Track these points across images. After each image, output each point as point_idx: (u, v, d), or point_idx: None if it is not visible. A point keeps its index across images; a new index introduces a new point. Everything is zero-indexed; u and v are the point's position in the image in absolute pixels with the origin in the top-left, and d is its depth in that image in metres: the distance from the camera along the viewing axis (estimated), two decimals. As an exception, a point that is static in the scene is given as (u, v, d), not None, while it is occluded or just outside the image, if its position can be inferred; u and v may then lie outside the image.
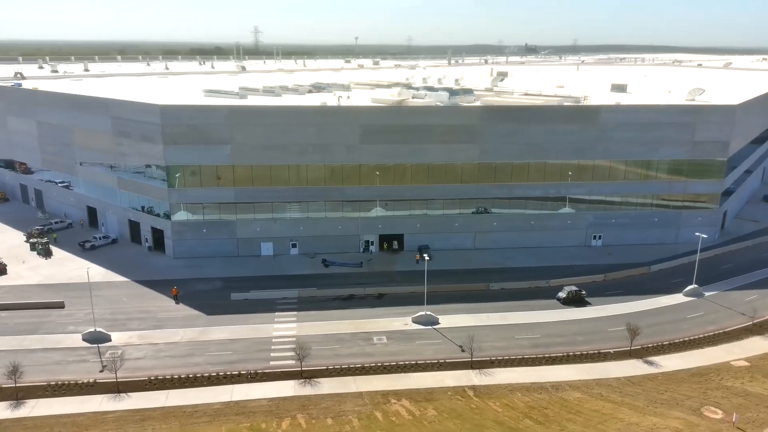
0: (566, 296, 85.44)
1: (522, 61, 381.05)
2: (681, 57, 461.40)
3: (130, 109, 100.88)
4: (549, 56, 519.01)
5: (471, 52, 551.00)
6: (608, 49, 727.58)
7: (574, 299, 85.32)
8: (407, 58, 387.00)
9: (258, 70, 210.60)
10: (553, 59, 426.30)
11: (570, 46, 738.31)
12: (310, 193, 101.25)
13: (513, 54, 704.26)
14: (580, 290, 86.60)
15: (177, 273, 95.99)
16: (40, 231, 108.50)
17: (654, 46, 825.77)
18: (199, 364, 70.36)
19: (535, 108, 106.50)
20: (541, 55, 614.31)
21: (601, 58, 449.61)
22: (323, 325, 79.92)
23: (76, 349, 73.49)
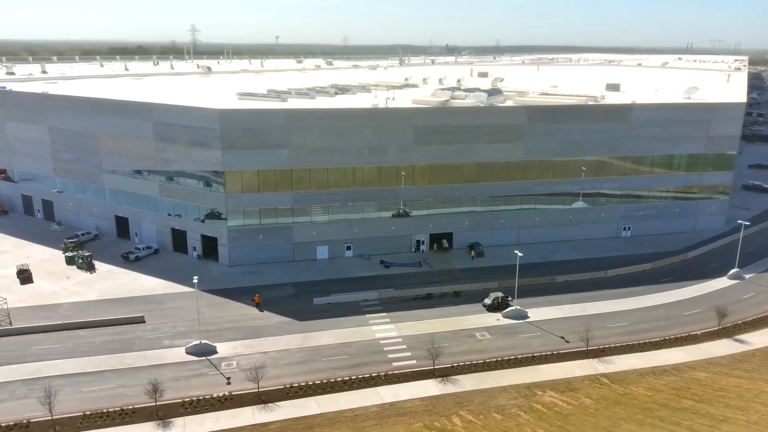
0: (491, 303, 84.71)
1: (492, 61, 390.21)
2: (606, 57, 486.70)
3: (179, 114, 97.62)
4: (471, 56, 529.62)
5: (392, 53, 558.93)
6: (528, 49, 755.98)
7: (500, 306, 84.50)
8: (351, 58, 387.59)
9: (224, 71, 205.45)
10: (488, 59, 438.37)
11: (493, 46, 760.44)
12: (365, 194, 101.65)
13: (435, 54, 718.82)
14: (506, 296, 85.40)
15: (241, 280, 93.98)
16: (76, 244, 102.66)
17: (568, 47, 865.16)
18: (323, 369, 69.99)
19: (574, 107, 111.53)
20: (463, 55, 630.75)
21: (532, 59, 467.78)
22: (419, 325, 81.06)
23: (185, 363, 71.13)
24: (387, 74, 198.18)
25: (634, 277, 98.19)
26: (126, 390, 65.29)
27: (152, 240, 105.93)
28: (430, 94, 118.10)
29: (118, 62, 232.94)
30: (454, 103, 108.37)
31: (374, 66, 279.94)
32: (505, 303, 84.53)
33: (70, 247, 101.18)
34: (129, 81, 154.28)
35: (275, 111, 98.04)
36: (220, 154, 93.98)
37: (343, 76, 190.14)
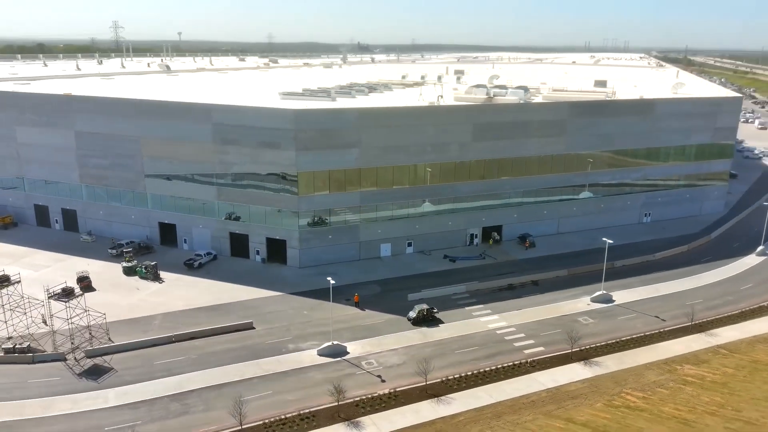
0: (417, 316, 79.77)
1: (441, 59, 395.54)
2: (527, 56, 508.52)
3: (246, 115, 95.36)
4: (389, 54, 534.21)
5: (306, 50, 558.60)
6: (445, 48, 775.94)
7: (425, 318, 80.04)
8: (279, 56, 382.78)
9: (185, 70, 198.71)
10: (415, 57, 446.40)
11: (410, 45, 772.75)
12: (426, 191, 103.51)
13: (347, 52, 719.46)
14: (431, 308, 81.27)
15: (320, 282, 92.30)
16: (130, 254, 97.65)
17: (478, 46, 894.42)
18: (463, 361, 71.77)
19: (607, 102, 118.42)
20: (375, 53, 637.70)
21: (461, 57, 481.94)
22: (522, 314, 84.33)
23: (326, 365, 70.75)
24: (366, 72, 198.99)
25: (678, 259, 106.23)
26: (287, 396, 64.35)
27: (205, 246, 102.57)
28: (464, 92, 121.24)
29: (62, 61, 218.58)
30: (498, 101, 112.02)
31: (329, 64, 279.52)
32: (430, 315, 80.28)
33: (128, 258, 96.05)
34: (100, 81, 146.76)
35: (347, 110, 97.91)
36: (294, 155, 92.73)
37: (315, 75, 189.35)
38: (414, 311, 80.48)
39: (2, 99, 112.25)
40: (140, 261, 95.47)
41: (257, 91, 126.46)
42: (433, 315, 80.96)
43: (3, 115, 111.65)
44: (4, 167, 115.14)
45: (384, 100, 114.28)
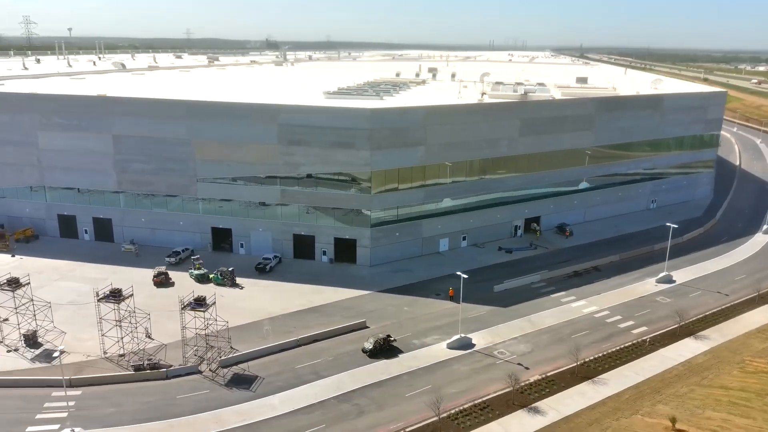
0: (373, 347, 71.00)
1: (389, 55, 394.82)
2: (451, 53, 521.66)
3: (316, 115, 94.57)
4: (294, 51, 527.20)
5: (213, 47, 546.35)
6: (358, 46, 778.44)
7: (383, 348, 71.54)
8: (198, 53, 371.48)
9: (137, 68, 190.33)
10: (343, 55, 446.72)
11: (325, 42, 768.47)
12: (480, 185, 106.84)
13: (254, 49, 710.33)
14: (388, 337, 72.91)
15: (399, 278, 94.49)
16: (198, 260, 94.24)
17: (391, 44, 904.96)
18: (586, 345, 75.81)
19: (627, 98, 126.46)
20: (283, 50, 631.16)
21: (383, 54, 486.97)
22: (603, 298, 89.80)
23: (463, 357, 72.62)
24: (339, 70, 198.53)
25: (699, 240, 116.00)
26: (449, 389, 65.77)
27: (265, 249, 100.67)
28: (490, 89, 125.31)
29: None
30: (532, 97, 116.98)
31: (279, 62, 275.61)
32: (387, 344, 71.90)
33: (198, 265, 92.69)
34: (69, 80, 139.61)
35: (415, 109, 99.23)
36: (368, 154, 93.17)
37: (284, 73, 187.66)
38: (369, 342, 71.35)
39: (22, 102, 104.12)
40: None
41: (268, 90, 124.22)
42: (391, 344, 72.42)
43: (23, 119, 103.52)
44: (20, 176, 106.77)
45: (419, 98, 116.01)
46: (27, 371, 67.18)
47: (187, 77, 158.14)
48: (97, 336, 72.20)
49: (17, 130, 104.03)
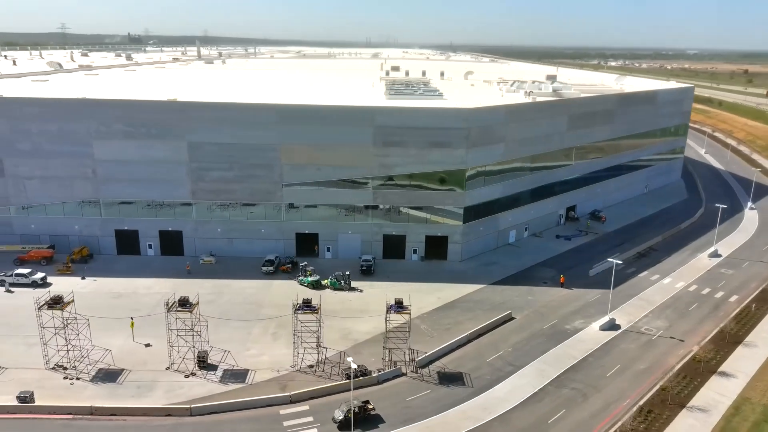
0: (344, 418, 57.53)
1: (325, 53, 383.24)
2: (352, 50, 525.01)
3: (414, 116, 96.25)
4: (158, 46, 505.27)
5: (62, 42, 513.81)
6: (241, 42, 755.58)
7: (355, 419, 57.32)
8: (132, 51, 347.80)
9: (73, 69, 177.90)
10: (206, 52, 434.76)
11: (203, 36, 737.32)
12: (541, 177, 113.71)
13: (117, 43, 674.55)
14: (365, 404, 59.56)
15: (496, 271, 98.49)
16: (308, 267, 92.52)
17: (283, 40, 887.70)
18: (708, 315, 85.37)
19: (637, 94, 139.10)
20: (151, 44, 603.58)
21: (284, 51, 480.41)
22: (680, 273, 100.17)
23: (619, 336, 78.89)
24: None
25: (704, 219, 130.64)
26: (637, 365, 71.81)
27: (354, 251, 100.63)
28: (514, 88, 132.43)
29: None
30: (564, 95, 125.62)
31: (209, 60, 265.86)
32: (364, 413, 58.96)
33: (310, 272, 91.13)
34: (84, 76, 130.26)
35: (500, 107, 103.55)
36: (464, 152, 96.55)
37: (243, 74, 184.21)
38: (340, 412, 58.30)
39: (76, 108, 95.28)
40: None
41: (284, 89, 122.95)
42: (368, 412, 59.33)
43: (75, 127, 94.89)
44: (70, 190, 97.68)
45: (469, 97, 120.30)
46: (227, 394, 63.88)
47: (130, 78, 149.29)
48: (265, 350, 70.43)
49: (68, 140, 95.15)
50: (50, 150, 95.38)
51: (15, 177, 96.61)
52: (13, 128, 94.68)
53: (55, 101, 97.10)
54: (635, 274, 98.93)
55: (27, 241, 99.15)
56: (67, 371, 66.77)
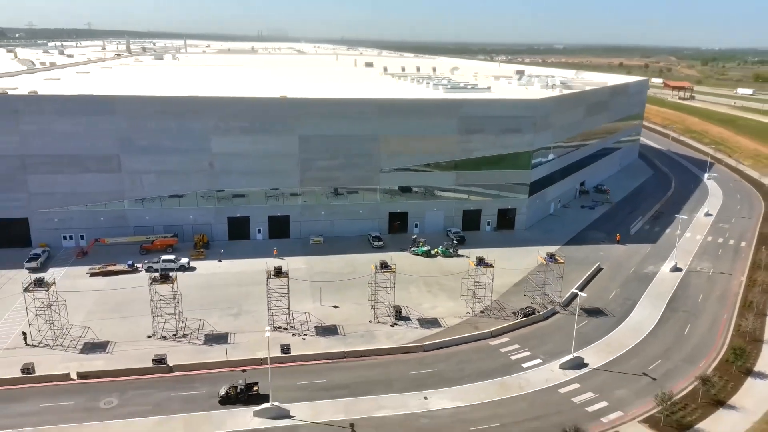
0: (225, 394, 62.14)
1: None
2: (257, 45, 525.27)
3: (493, 107, 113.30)
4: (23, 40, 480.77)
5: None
6: (117, 34, 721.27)
7: (238, 396, 62.20)
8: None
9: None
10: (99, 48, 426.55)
11: (87, 30, 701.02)
12: (568, 158, 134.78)
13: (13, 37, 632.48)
14: (253, 383, 63.77)
15: (558, 235, 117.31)
16: (419, 239, 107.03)
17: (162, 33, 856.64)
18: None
19: (622, 85, 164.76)
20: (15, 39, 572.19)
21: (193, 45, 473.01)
22: (698, 228, 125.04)
23: (690, 275, 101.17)
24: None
25: (680, 188, 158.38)
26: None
27: (438, 226, 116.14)
28: (525, 82, 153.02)
29: None
30: (573, 87, 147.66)
31: (159, 55, 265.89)
32: (248, 388, 63.04)
33: (421, 243, 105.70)
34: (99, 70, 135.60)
35: (551, 99, 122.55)
36: (532, 136, 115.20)
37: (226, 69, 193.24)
38: (222, 389, 62.54)
39: (195, 106, 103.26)
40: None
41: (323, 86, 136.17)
42: (252, 388, 63.30)
43: (194, 124, 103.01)
44: (188, 183, 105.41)
45: (506, 91, 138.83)
46: (435, 335, 77.65)
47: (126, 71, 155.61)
48: (436, 304, 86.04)
49: (187, 136, 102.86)
50: (168, 146, 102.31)
51: (131, 172, 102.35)
52: (131, 126, 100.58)
53: (176, 99, 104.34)
54: (663, 231, 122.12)
55: (140, 232, 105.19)
56: (293, 330, 77.64)
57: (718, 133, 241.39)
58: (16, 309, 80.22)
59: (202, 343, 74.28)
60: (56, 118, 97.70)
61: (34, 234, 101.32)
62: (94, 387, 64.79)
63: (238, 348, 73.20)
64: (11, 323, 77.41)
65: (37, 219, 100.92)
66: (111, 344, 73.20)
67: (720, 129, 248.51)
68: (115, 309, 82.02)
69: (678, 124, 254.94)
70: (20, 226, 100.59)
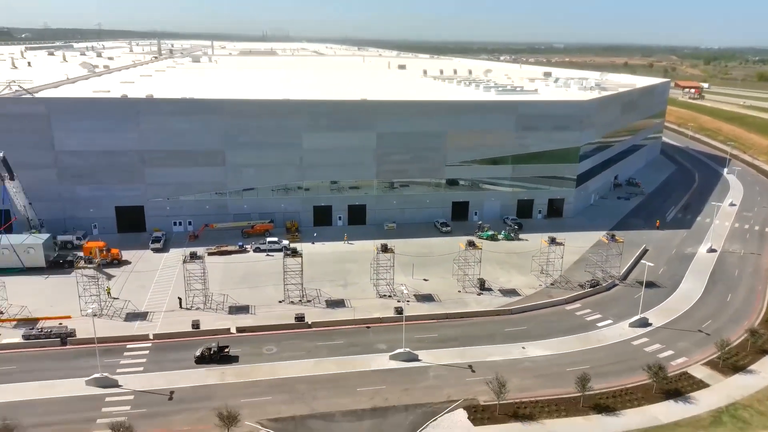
0: (200, 354, 71.72)
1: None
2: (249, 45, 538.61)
3: (546, 107, 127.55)
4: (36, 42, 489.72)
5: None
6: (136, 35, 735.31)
7: (212, 357, 71.96)
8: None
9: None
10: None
11: (95, 30, 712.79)
12: (606, 153, 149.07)
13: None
14: (224, 346, 73.61)
15: (603, 222, 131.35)
16: (485, 225, 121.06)
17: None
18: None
19: (648, 87, 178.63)
20: (21, 39, 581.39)
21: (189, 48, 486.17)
22: (721, 216, 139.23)
23: (727, 255, 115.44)
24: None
25: (703, 181, 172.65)
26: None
27: (494, 214, 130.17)
28: (562, 84, 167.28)
29: None
30: (607, 89, 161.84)
31: (196, 59, 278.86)
32: (220, 350, 72.95)
33: (486, 228, 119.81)
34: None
35: (593, 100, 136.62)
36: (579, 133, 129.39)
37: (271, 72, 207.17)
38: (198, 350, 72.42)
39: (291, 107, 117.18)
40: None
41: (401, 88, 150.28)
42: (223, 350, 73.55)
43: (290, 123, 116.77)
44: (280, 175, 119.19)
45: (550, 93, 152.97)
46: (517, 302, 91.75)
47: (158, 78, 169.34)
48: (510, 278, 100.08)
49: (282, 134, 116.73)
50: (265, 142, 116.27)
51: (234, 166, 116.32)
52: (235, 125, 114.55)
53: (273, 102, 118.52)
54: (694, 219, 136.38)
55: (238, 218, 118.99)
56: (396, 297, 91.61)
57: (730, 131, 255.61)
58: (158, 281, 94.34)
59: (325, 307, 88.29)
60: (171, 118, 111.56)
61: (149, 220, 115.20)
62: (252, 339, 78.90)
63: (356, 311, 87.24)
64: (158, 293, 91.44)
65: (152, 207, 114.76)
66: (252, 307, 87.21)
67: (731, 127, 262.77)
68: (242, 281, 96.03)
69: (692, 122, 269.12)
70: (137, 213, 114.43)
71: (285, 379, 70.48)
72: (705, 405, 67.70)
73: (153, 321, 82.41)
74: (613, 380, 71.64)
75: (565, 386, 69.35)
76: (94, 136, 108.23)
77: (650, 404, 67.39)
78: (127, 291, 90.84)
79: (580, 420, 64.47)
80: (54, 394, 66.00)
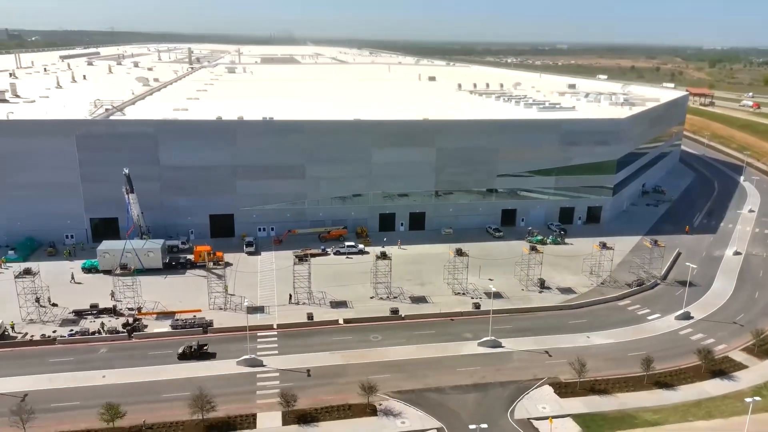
0: (182, 352, 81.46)
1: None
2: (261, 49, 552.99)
3: (586, 124, 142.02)
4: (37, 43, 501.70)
5: None
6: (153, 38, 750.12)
7: (192, 354, 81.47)
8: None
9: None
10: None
11: (108, 32, 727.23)
12: (637, 163, 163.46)
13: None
14: (203, 344, 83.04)
15: (639, 227, 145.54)
16: (534, 230, 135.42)
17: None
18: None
19: (673, 100, 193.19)
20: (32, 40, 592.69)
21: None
22: (743, 222, 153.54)
23: (745, 259, 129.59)
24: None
25: (722, 188, 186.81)
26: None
27: (539, 221, 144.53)
28: (592, 98, 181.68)
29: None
30: (635, 103, 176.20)
31: (232, 68, 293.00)
32: (200, 348, 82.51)
33: (536, 233, 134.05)
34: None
35: (630, 117, 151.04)
36: (617, 148, 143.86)
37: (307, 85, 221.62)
38: (180, 348, 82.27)
39: (361, 127, 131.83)
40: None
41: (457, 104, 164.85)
42: (202, 348, 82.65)
43: (360, 141, 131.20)
44: (349, 186, 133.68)
45: (587, 109, 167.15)
46: (575, 299, 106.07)
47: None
48: (563, 278, 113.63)
49: (354, 150, 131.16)
50: (340, 157, 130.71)
51: (313, 178, 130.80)
52: (314, 142, 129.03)
53: (347, 122, 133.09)
54: (718, 224, 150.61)
55: (314, 225, 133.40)
56: (469, 294, 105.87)
57: (742, 138, 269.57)
58: (261, 280, 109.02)
59: (411, 303, 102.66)
60: (259, 137, 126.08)
61: (238, 226, 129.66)
62: (358, 329, 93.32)
63: (439, 305, 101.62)
64: (266, 290, 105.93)
65: (240, 214, 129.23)
66: (348, 302, 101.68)
67: (743, 134, 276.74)
68: (332, 280, 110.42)
69: (705, 129, 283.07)
70: (228, 220, 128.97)
71: (395, 360, 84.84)
72: (746, 382, 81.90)
73: (270, 314, 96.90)
74: (667, 363, 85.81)
75: (629, 368, 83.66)
76: (194, 153, 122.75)
77: (701, 381, 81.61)
78: (239, 288, 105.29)
79: (645, 394, 78.68)
80: (214, 372, 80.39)
